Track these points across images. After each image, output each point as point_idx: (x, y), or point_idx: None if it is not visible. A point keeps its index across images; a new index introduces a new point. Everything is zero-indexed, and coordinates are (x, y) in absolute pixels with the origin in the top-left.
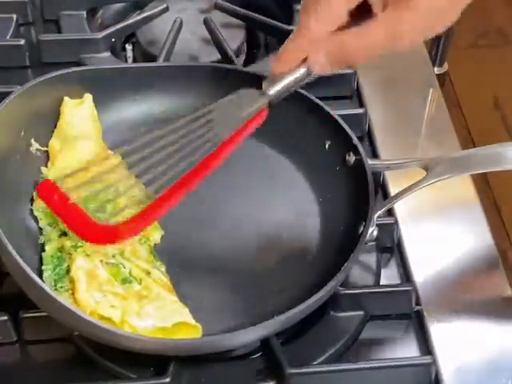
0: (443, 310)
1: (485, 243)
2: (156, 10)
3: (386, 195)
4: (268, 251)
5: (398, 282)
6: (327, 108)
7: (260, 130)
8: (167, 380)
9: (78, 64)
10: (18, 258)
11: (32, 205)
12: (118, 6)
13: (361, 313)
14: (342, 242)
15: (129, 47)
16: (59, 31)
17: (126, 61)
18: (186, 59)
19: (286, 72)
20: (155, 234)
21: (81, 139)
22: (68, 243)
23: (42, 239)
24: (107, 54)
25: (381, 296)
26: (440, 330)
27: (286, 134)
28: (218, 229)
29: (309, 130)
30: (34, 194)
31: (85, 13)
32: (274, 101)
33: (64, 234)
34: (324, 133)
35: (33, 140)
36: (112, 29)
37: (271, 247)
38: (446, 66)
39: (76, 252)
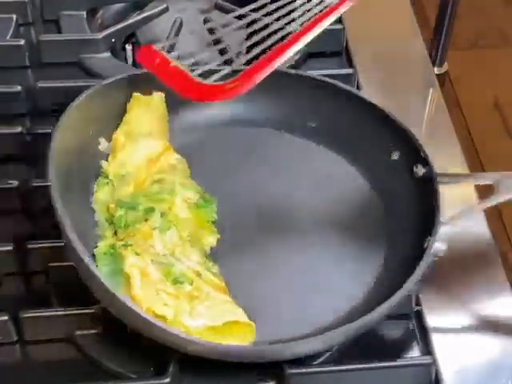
0: (443, 310)
1: (485, 244)
2: (156, 9)
3: None
4: (328, 262)
5: None
6: (397, 119)
7: (329, 138)
8: (167, 380)
9: (79, 64)
10: (82, 252)
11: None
12: (117, 6)
13: None
14: (407, 255)
15: (129, 47)
16: (59, 31)
17: (126, 61)
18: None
19: None
20: (210, 237)
21: (146, 137)
22: (118, 242)
23: (97, 231)
24: (107, 54)
25: None
26: (440, 330)
27: (354, 142)
28: (276, 235)
29: (377, 139)
30: (95, 186)
31: (85, 13)
32: None
33: (115, 233)
34: (392, 143)
35: (101, 139)
36: (112, 29)
37: (332, 258)
38: (445, 66)
39: (126, 250)
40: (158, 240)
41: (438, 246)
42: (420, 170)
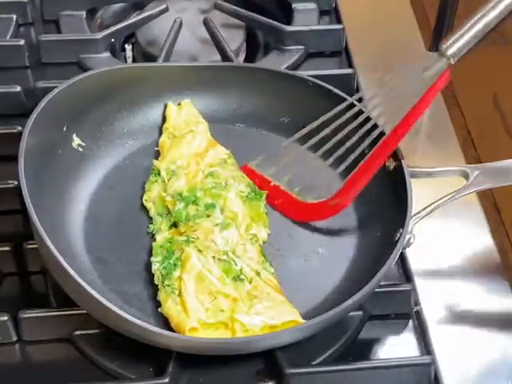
0: (443, 310)
1: (485, 244)
2: (156, 10)
3: None
4: (303, 255)
5: (398, 282)
6: (368, 113)
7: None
8: (166, 380)
9: (78, 64)
10: (55, 252)
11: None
12: (117, 6)
13: (360, 313)
14: (378, 247)
15: (128, 47)
16: (59, 31)
17: (126, 61)
18: (186, 59)
19: None
20: (263, 230)
21: (187, 135)
22: (180, 238)
23: (151, 228)
24: (107, 54)
25: (380, 296)
26: (439, 330)
27: (326, 137)
28: None
29: (349, 134)
30: (147, 185)
31: (84, 13)
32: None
33: (174, 225)
34: (364, 137)
35: (74, 136)
36: (112, 29)
37: (308, 251)
38: None
39: (188, 247)
40: (219, 236)
41: (408, 238)
42: (392, 164)
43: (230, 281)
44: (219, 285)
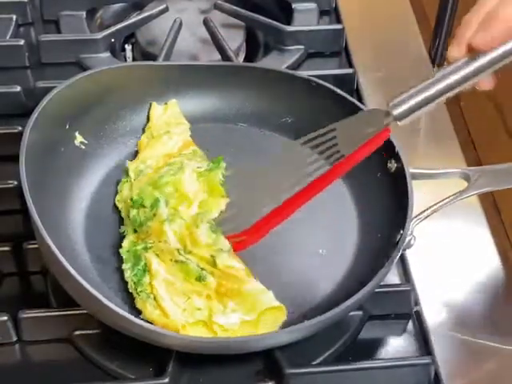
0: (442, 310)
1: (485, 244)
2: (156, 10)
3: None
4: (304, 255)
5: (398, 282)
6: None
7: (300, 134)
8: (166, 380)
9: (78, 64)
10: (55, 251)
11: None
12: (117, 6)
13: (360, 313)
14: (379, 248)
15: (128, 47)
16: (59, 31)
17: (126, 61)
18: (186, 59)
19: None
20: (220, 201)
21: (164, 135)
22: (139, 245)
23: (122, 229)
24: (107, 54)
25: (380, 296)
26: (439, 330)
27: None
28: None
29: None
30: (119, 185)
31: (84, 13)
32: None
33: (135, 230)
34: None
35: (76, 133)
36: (112, 29)
37: (307, 251)
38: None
39: (148, 253)
40: (170, 233)
41: (408, 239)
42: (393, 165)
43: (195, 282)
44: (187, 285)
